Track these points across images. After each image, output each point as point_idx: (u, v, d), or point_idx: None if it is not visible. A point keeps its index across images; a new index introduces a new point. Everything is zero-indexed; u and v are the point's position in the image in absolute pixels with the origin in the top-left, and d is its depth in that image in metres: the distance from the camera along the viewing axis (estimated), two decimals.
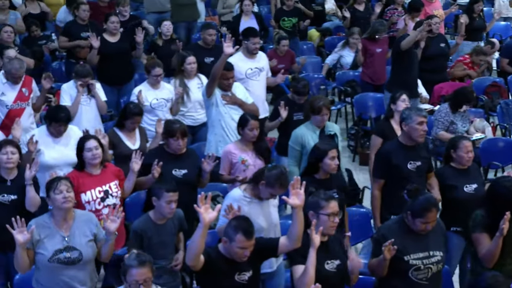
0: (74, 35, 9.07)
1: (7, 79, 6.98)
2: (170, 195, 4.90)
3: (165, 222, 5.02)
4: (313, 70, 10.32)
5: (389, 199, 5.65)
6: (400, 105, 6.46)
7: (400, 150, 5.67)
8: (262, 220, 5.01)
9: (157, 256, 4.90)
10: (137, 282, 4.02)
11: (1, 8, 9.78)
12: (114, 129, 6.42)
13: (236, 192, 5.09)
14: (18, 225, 4.38)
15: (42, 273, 4.61)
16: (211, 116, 6.78)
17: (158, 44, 8.96)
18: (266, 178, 4.91)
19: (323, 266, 4.50)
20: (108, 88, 8.07)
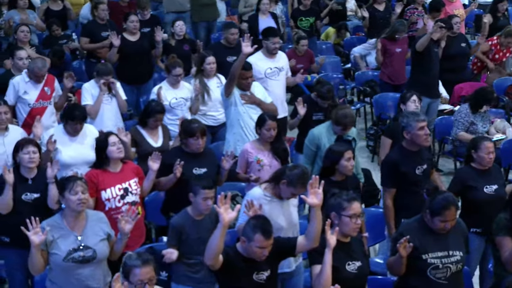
0: (95, 35, 9.12)
1: (30, 78, 7.03)
2: (206, 192, 4.90)
3: (202, 218, 5.00)
4: (332, 69, 10.30)
5: (402, 206, 5.61)
6: (410, 105, 6.41)
7: (406, 157, 5.64)
8: (282, 220, 5.01)
9: (194, 251, 4.91)
10: (142, 282, 4.00)
11: (21, 7, 9.85)
12: (137, 127, 6.45)
13: (256, 191, 5.09)
14: (33, 226, 4.40)
15: (56, 273, 4.63)
16: (230, 116, 6.79)
17: (171, 44, 8.99)
18: (287, 177, 4.91)
19: (344, 267, 4.49)
20: (128, 87, 8.11)
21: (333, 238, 4.35)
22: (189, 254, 4.94)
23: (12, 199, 5.20)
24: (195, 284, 4.98)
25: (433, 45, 8.23)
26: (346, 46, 11.37)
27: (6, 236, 5.28)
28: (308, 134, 6.37)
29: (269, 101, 6.90)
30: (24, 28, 8.51)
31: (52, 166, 5.24)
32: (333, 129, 6.26)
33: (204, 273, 4.98)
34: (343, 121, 6.16)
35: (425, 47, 8.10)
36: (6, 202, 5.15)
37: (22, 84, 7.02)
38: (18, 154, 5.27)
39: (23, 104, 7.03)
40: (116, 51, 8.32)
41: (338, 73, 10.22)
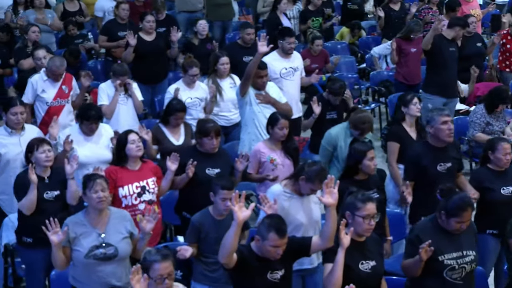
0: (112, 34, 9.17)
1: (48, 77, 7.07)
2: (225, 193, 4.90)
3: (224, 218, 5.00)
4: (347, 69, 10.28)
5: (419, 201, 5.59)
6: (412, 108, 6.34)
7: (429, 152, 5.62)
8: (302, 216, 5.01)
9: (213, 250, 4.89)
10: (162, 276, 4.01)
11: (38, 7, 9.91)
12: (159, 125, 6.49)
13: (276, 187, 5.10)
14: (52, 226, 4.45)
15: (78, 270, 4.67)
16: (245, 115, 6.80)
17: (194, 43, 9.01)
18: (306, 173, 4.93)
19: (357, 266, 4.48)
20: (143, 86, 8.12)
21: (347, 238, 4.35)
22: (208, 253, 4.96)
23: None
24: (211, 283, 5.00)
25: (448, 44, 8.17)
26: (361, 46, 11.35)
27: (28, 237, 5.30)
28: (325, 135, 6.37)
29: (283, 101, 6.90)
30: (35, 29, 8.56)
31: (70, 163, 5.27)
32: (350, 132, 6.25)
33: (221, 272, 4.97)
34: (361, 127, 6.16)
35: (437, 46, 8.04)
36: (32, 201, 5.18)
37: (40, 83, 7.06)
38: (34, 154, 5.30)
39: (41, 103, 7.07)
40: (132, 50, 8.35)
41: (353, 73, 10.20)
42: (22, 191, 5.21)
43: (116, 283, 4.69)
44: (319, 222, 5.16)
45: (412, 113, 6.32)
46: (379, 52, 10.10)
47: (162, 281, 4.01)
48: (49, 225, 4.44)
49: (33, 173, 5.16)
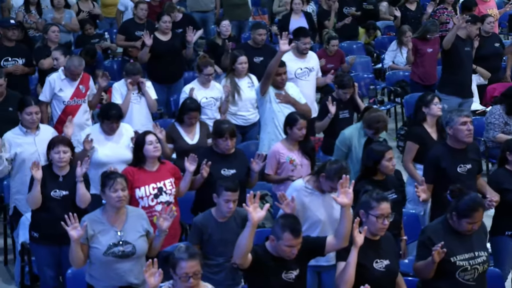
0: (129, 33, 9.23)
1: (65, 76, 7.11)
2: (229, 194, 4.90)
3: (227, 220, 5.00)
4: (363, 69, 10.26)
5: (440, 203, 5.53)
6: (434, 108, 6.29)
7: (448, 154, 5.58)
8: (322, 213, 5.00)
9: (216, 252, 4.93)
10: (187, 275, 4.01)
11: (57, 7, 9.96)
12: (174, 124, 6.50)
13: (298, 182, 5.11)
14: (72, 221, 4.47)
15: (96, 267, 4.70)
16: (264, 114, 6.81)
17: (218, 43, 9.02)
18: (326, 171, 4.93)
19: (371, 265, 4.48)
20: (158, 86, 8.16)
21: (360, 237, 4.36)
22: (211, 255, 4.95)
23: (42, 196, 5.26)
24: (214, 285, 4.97)
25: (463, 44, 8.12)
26: (377, 46, 11.32)
27: (36, 232, 5.37)
28: (340, 135, 6.36)
29: (303, 102, 6.89)
30: (55, 28, 8.59)
31: (81, 165, 5.28)
32: (364, 131, 6.24)
33: (224, 275, 5.01)
34: (375, 126, 6.14)
35: (453, 45, 8.00)
36: (34, 197, 5.22)
37: (58, 82, 7.10)
38: (50, 153, 5.33)
39: (58, 101, 7.11)
40: (148, 50, 8.38)
41: (369, 73, 10.17)
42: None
43: (133, 281, 4.72)
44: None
45: (433, 113, 6.27)
46: (390, 61, 10.05)
47: (187, 279, 4.01)
48: (68, 220, 4.47)
49: (38, 169, 5.20)
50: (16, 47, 8.25)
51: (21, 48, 8.34)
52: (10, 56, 8.14)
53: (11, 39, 8.19)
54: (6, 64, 8.07)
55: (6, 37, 8.19)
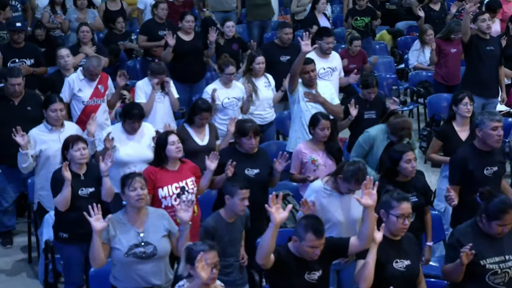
0: (152, 34, 9.23)
1: (84, 76, 7.15)
2: (244, 192, 4.94)
3: (234, 220, 5.06)
4: (385, 70, 10.23)
5: (464, 205, 5.50)
6: (461, 108, 6.24)
7: (475, 156, 5.53)
8: (340, 214, 5.00)
9: (227, 253, 4.96)
10: (209, 266, 4.03)
11: (80, 7, 10.02)
12: (184, 125, 6.51)
13: (317, 183, 5.11)
14: (95, 212, 4.49)
15: (118, 269, 4.71)
16: (293, 112, 6.84)
17: (220, 43, 9.04)
18: (343, 173, 4.93)
19: (391, 265, 4.47)
20: (180, 86, 8.18)
21: (379, 234, 4.36)
22: (221, 257, 4.92)
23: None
24: (226, 286, 4.99)
25: (484, 43, 8.04)
26: (400, 46, 11.28)
27: (64, 233, 5.38)
28: (364, 133, 6.35)
29: (336, 102, 6.88)
30: (84, 28, 8.62)
31: (105, 160, 5.32)
32: (388, 136, 6.23)
33: (235, 275, 5.04)
34: (399, 133, 6.12)
35: (473, 44, 7.91)
36: (66, 198, 5.25)
37: (77, 82, 7.14)
38: (69, 151, 5.37)
39: (77, 102, 7.14)
40: (171, 50, 8.41)
41: (392, 73, 10.14)
42: (58, 187, 5.29)
43: (156, 282, 4.72)
44: (358, 221, 5.08)
45: (460, 113, 6.23)
46: (414, 60, 9.97)
47: (210, 270, 4.03)
48: (91, 211, 4.48)
49: (67, 170, 5.22)
50: (24, 48, 8.25)
51: (29, 49, 8.33)
52: (17, 58, 8.15)
53: (17, 42, 8.18)
54: (13, 65, 8.04)
55: (12, 40, 8.20)
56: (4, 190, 6.75)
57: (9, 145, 6.30)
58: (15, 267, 6.54)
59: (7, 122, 6.48)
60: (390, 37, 11.50)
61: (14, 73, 6.67)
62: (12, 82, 6.59)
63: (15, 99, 6.70)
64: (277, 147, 7.01)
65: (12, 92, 6.64)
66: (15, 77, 6.60)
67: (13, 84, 6.60)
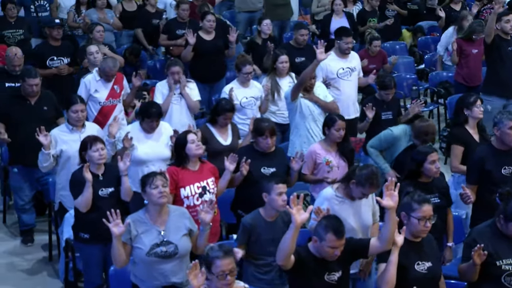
0: (171, 32, 9.30)
1: (100, 77, 7.19)
2: (281, 186, 4.93)
3: (275, 219, 5.01)
4: (405, 70, 10.18)
5: (482, 205, 5.49)
6: (476, 111, 6.19)
7: (493, 156, 5.51)
8: (352, 221, 4.98)
9: (266, 252, 4.94)
10: (223, 272, 4.00)
11: (100, 7, 10.09)
12: (206, 125, 6.52)
13: (328, 191, 5.09)
14: (114, 218, 4.51)
15: (139, 267, 4.73)
16: (295, 118, 6.78)
17: (257, 42, 9.04)
18: (356, 177, 4.89)
19: (413, 267, 4.46)
20: (200, 85, 8.16)
21: (400, 237, 4.34)
22: (259, 255, 4.96)
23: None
24: (263, 285, 4.99)
25: (506, 43, 7.98)
26: (420, 47, 11.22)
27: (85, 233, 5.40)
28: (387, 131, 6.39)
29: (329, 100, 6.84)
30: (99, 28, 8.69)
31: (123, 159, 5.35)
32: (410, 138, 6.22)
33: (273, 274, 5.01)
34: (423, 138, 6.09)
35: (495, 44, 7.86)
36: (87, 199, 5.28)
37: (93, 83, 7.19)
38: (87, 152, 5.39)
39: (93, 103, 7.18)
40: (191, 49, 8.43)
41: (412, 73, 10.08)
42: (77, 188, 5.31)
43: (176, 280, 4.74)
44: (370, 227, 5.11)
45: (475, 116, 6.19)
46: (445, 45, 9.83)
47: (224, 277, 4.01)
48: (110, 217, 4.51)
49: (88, 171, 5.24)
50: (61, 46, 8.40)
51: (66, 47, 8.48)
52: (56, 55, 8.28)
53: (56, 38, 8.32)
54: (52, 63, 8.20)
55: (51, 37, 8.33)
56: (20, 189, 6.82)
57: (25, 145, 6.36)
58: (36, 266, 6.59)
59: (23, 122, 6.56)
60: (410, 34, 11.44)
61: (32, 73, 6.73)
62: (30, 82, 6.65)
63: (32, 99, 6.75)
64: None
65: (29, 92, 6.70)
66: (32, 77, 6.66)
67: (30, 85, 6.65)
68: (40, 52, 8.26)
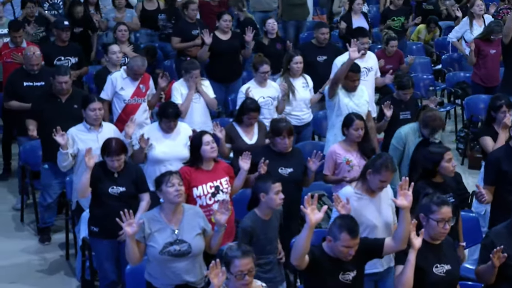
0: (186, 34, 9.26)
1: (127, 75, 7.23)
2: (277, 185, 4.97)
3: (270, 217, 5.07)
4: (422, 70, 10.15)
5: (500, 206, 5.46)
6: (500, 116, 6.19)
7: (509, 156, 5.48)
8: (374, 217, 4.96)
9: (265, 251, 4.98)
10: (242, 272, 4.02)
11: (118, 6, 10.13)
12: (233, 124, 6.54)
13: (347, 189, 5.08)
14: (127, 217, 4.53)
15: (153, 266, 4.76)
16: (332, 117, 6.81)
17: (264, 43, 9.05)
18: (371, 166, 4.90)
19: (431, 270, 4.43)
20: (217, 85, 8.20)
21: (418, 240, 4.32)
22: (260, 254, 4.95)
23: (99, 192, 5.39)
24: (266, 283, 4.98)
25: None
26: (437, 47, 11.18)
27: (95, 227, 5.48)
28: (395, 134, 6.33)
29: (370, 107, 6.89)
30: (122, 27, 8.71)
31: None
32: (420, 131, 6.18)
33: (274, 272, 5.06)
34: (432, 124, 6.06)
35: None
36: (83, 184, 5.36)
37: (119, 80, 7.22)
38: (104, 156, 5.43)
39: (118, 100, 7.22)
40: (207, 49, 8.44)
41: (428, 74, 10.05)
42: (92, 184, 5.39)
43: (190, 279, 4.76)
44: (391, 224, 5.08)
45: (498, 120, 6.20)
46: (456, 35, 9.82)
47: (242, 277, 4.02)
48: (123, 217, 4.53)
49: (91, 158, 5.31)
50: (68, 46, 8.40)
51: (73, 47, 8.49)
52: (63, 55, 8.30)
53: (64, 40, 8.35)
54: (59, 63, 8.17)
55: (60, 39, 8.36)
56: (49, 186, 6.86)
57: (55, 142, 6.40)
58: (53, 264, 6.63)
59: (54, 119, 6.56)
60: (424, 26, 11.38)
61: (61, 71, 6.78)
62: (60, 80, 6.71)
63: (62, 97, 6.81)
64: (313, 147, 6.98)
65: (60, 90, 6.76)
66: (62, 75, 6.72)
67: (60, 82, 6.71)
68: (47, 52, 8.24)
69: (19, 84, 7.46)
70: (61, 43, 8.38)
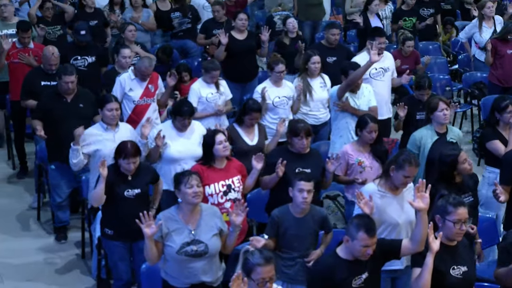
0: (208, 32, 9.42)
1: (135, 76, 7.23)
2: (302, 184, 4.94)
3: (304, 216, 5.03)
4: (439, 70, 10.11)
5: None
6: (506, 117, 6.16)
7: None
8: (397, 215, 4.95)
9: (291, 247, 4.97)
10: (264, 280, 4.00)
11: (134, 6, 10.16)
12: (233, 125, 6.54)
13: (370, 186, 5.08)
14: (146, 219, 4.55)
15: (170, 265, 4.77)
16: (338, 118, 6.79)
17: (285, 42, 9.04)
18: (394, 163, 4.90)
19: (448, 271, 4.41)
20: (232, 85, 8.19)
21: (436, 243, 4.29)
22: (285, 248, 5.00)
23: (115, 196, 5.38)
24: (286, 279, 5.02)
25: None
26: (453, 47, 11.12)
27: (110, 229, 5.47)
28: (410, 138, 6.34)
29: (373, 104, 6.85)
30: (131, 28, 8.74)
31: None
32: (434, 124, 6.21)
33: (296, 269, 5.03)
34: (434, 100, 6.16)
35: None
36: (98, 194, 5.34)
37: (128, 81, 7.21)
38: (119, 159, 5.42)
39: (128, 101, 7.20)
40: (224, 49, 8.45)
41: (445, 74, 10.00)
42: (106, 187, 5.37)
43: (206, 279, 4.77)
44: (413, 223, 5.00)
45: (504, 121, 6.18)
46: (466, 36, 9.78)
47: (264, 284, 4.00)
48: (143, 218, 4.55)
49: (105, 167, 5.29)
50: (86, 46, 8.36)
51: (91, 46, 8.46)
52: (79, 55, 8.29)
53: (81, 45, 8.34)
54: (76, 63, 8.16)
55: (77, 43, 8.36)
56: (57, 185, 6.88)
57: (62, 142, 6.43)
58: (69, 263, 6.65)
59: (60, 119, 6.62)
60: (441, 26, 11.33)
61: (68, 71, 6.79)
62: (66, 80, 6.72)
63: (68, 96, 6.82)
64: (329, 147, 6.99)
65: (66, 89, 6.77)
66: (68, 75, 6.72)
67: (66, 82, 6.72)
68: (64, 52, 8.17)
69: (36, 83, 7.49)
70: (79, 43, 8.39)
